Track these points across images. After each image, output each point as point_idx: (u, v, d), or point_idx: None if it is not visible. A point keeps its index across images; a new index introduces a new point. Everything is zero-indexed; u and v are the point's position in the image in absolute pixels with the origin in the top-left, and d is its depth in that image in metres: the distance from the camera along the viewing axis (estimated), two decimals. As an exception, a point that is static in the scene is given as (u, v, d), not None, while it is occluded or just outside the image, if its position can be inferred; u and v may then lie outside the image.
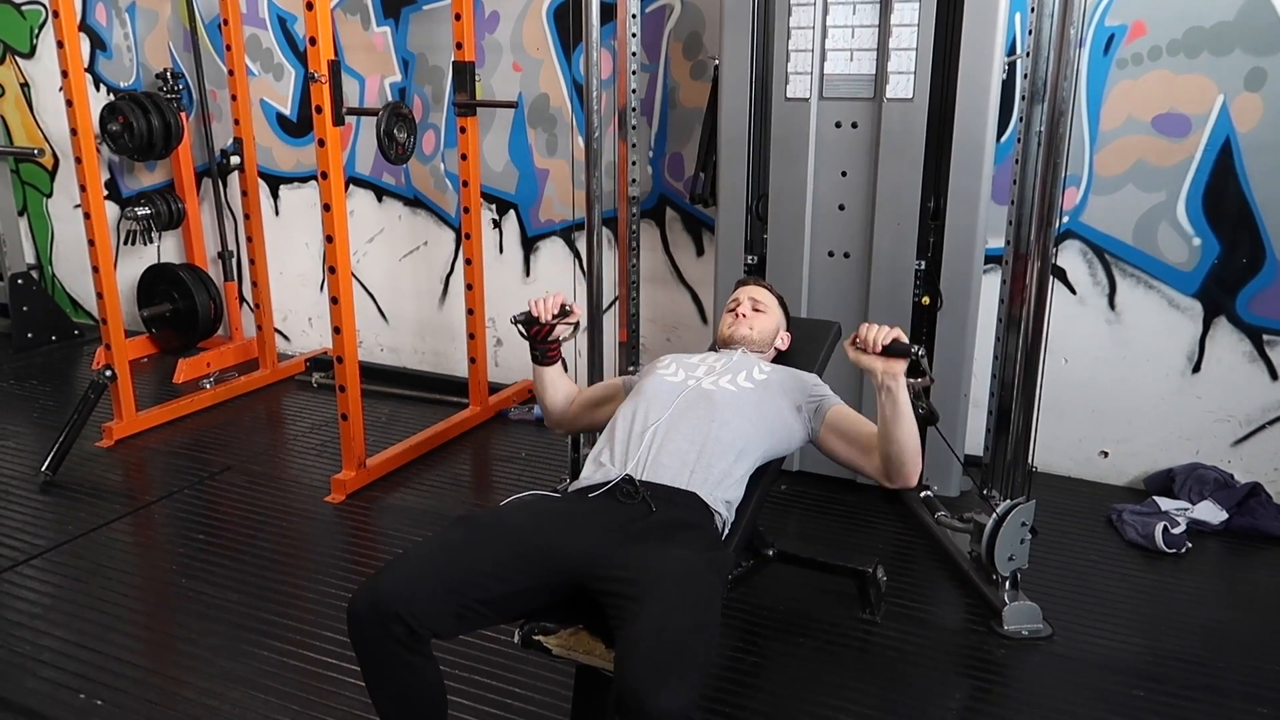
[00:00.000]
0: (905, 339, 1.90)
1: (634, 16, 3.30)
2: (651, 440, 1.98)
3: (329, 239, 3.08)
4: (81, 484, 3.35)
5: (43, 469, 3.34)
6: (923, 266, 2.96)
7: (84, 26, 4.66)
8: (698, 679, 1.47)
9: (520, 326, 2.24)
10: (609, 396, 2.31)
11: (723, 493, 1.96)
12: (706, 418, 2.02)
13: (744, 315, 2.35)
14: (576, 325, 2.25)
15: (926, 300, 2.97)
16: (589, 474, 2.00)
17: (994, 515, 2.45)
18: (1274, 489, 3.07)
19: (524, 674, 2.25)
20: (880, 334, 1.90)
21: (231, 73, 4.10)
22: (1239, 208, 2.96)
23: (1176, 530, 2.85)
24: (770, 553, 2.57)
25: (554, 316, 2.21)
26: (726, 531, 1.98)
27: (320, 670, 2.31)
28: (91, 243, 3.54)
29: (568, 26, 3.68)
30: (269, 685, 2.26)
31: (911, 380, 1.93)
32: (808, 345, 2.50)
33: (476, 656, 2.31)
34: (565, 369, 2.37)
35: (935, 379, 1.99)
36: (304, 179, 4.44)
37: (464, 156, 3.69)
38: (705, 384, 2.11)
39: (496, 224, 4.08)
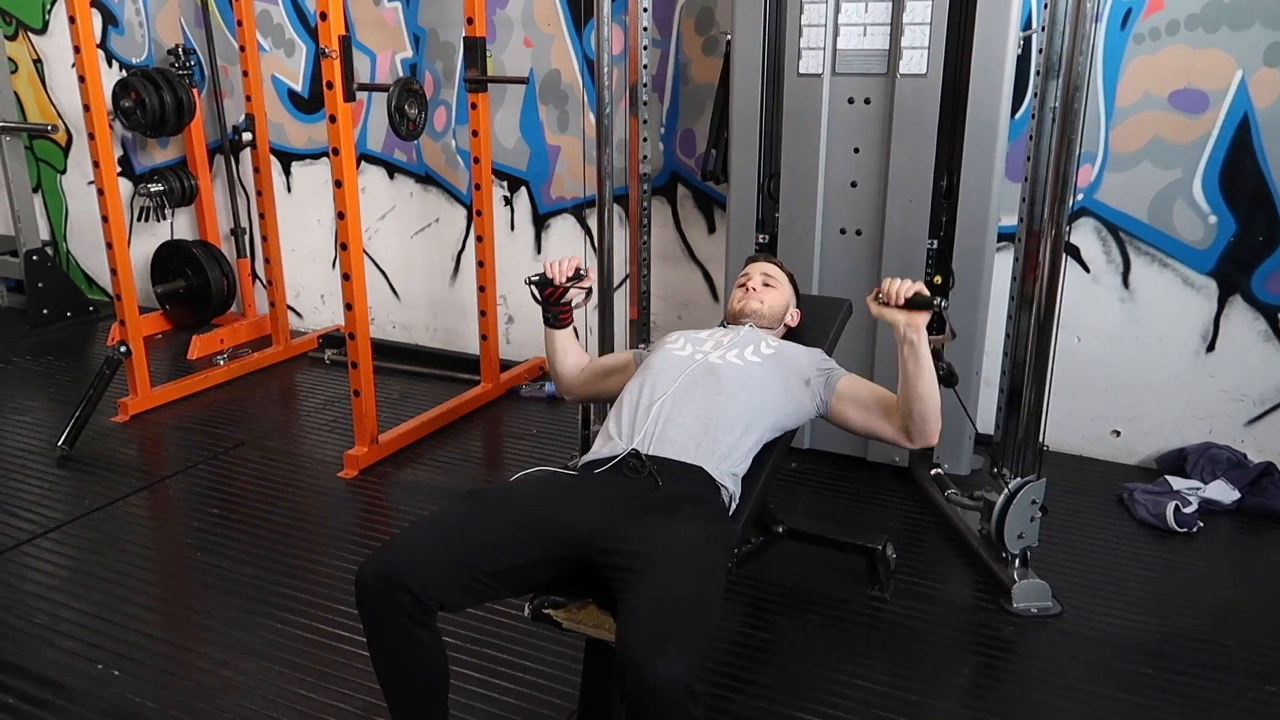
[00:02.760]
0: (927, 293, 1.92)
1: (646, -9, 3.27)
2: (658, 414, 1.99)
3: (341, 216, 3.09)
4: (97, 459, 3.39)
5: (59, 444, 3.37)
6: (935, 246, 2.95)
7: (96, 2, 4.65)
8: (697, 649, 1.49)
9: (534, 288, 2.26)
10: (619, 367, 2.32)
11: (729, 466, 1.96)
12: (713, 391, 2.02)
13: (754, 290, 2.35)
14: (589, 291, 2.26)
15: (939, 279, 2.96)
16: (597, 448, 2.01)
17: (1004, 493, 2.45)
18: (1287, 469, 3.05)
19: (534, 647, 2.28)
20: (903, 287, 1.92)
21: (243, 49, 4.09)
22: (1256, 185, 2.93)
23: (1188, 509, 2.84)
24: (780, 529, 2.58)
25: (567, 280, 2.22)
26: (734, 505, 1.99)
27: (332, 642, 2.33)
28: (105, 219, 3.56)
29: (579, 2, 3.66)
30: (282, 656, 2.29)
31: (932, 337, 1.94)
32: (818, 322, 2.49)
33: (487, 630, 2.34)
34: (576, 335, 2.38)
35: (956, 334, 2.00)
36: (316, 155, 4.43)
37: (475, 133, 3.68)
38: (712, 358, 2.11)
39: (508, 201, 4.08)
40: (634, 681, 1.40)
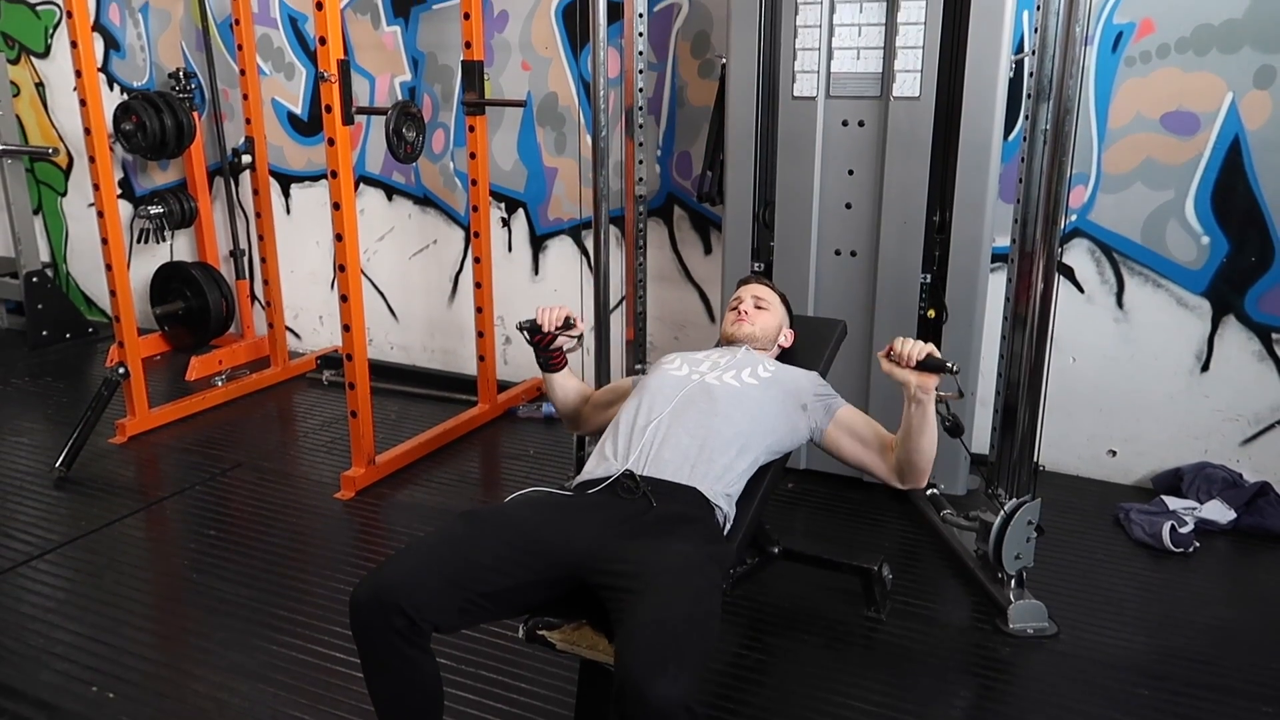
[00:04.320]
0: (939, 355, 1.94)
1: (641, 16, 3.31)
2: (654, 435, 2.00)
3: (339, 237, 3.10)
4: (95, 480, 3.39)
5: (57, 465, 3.37)
6: (928, 280, 2.96)
7: (98, 26, 4.70)
8: (696, 669, 1.48)
9: (525, 333, 2.30)
10: (620, 395, 2.33)
11: (724, 487, 1.97)
12: (709, 412, 2.03)
13: (746, 312, 2.37)
14: (580, 339, 2.31)
15: (932, 313, 2.97)
16: (592, 468, 2.02)
17: (1001, 513, 2.45)
18: (1283, 488, 3.06)
19: (528, 669, 2.27)
20: (915, 349, 1.95)
21: (243, 72, 4.12)
22: (1248, 206, 2.95)
23: (1184, 529, 2.84)
24: (776, 550, 2.58)
25: (557, 327, 2.26)
26: (729, 526, 1.99)
27: (329, 665, 2.33)
28: (105, 241, 3.57)
29: (576, 25, 3.69)
30: (278, 679, 2.28)
31: (939, 394, 1.98)
32: (813, 343, 2.51)
33: (481, 651, 2.33)
34: (571, 371, 2.41)
35: (964, 394, 2.03)
36: (315, 178, 4.46)
37: (473, 155, 3.71)
38: (709, 379, 2.12)
39: (505, 222, 4.10)
40: (634, 702, 1.40)
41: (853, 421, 2.16)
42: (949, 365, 1.94)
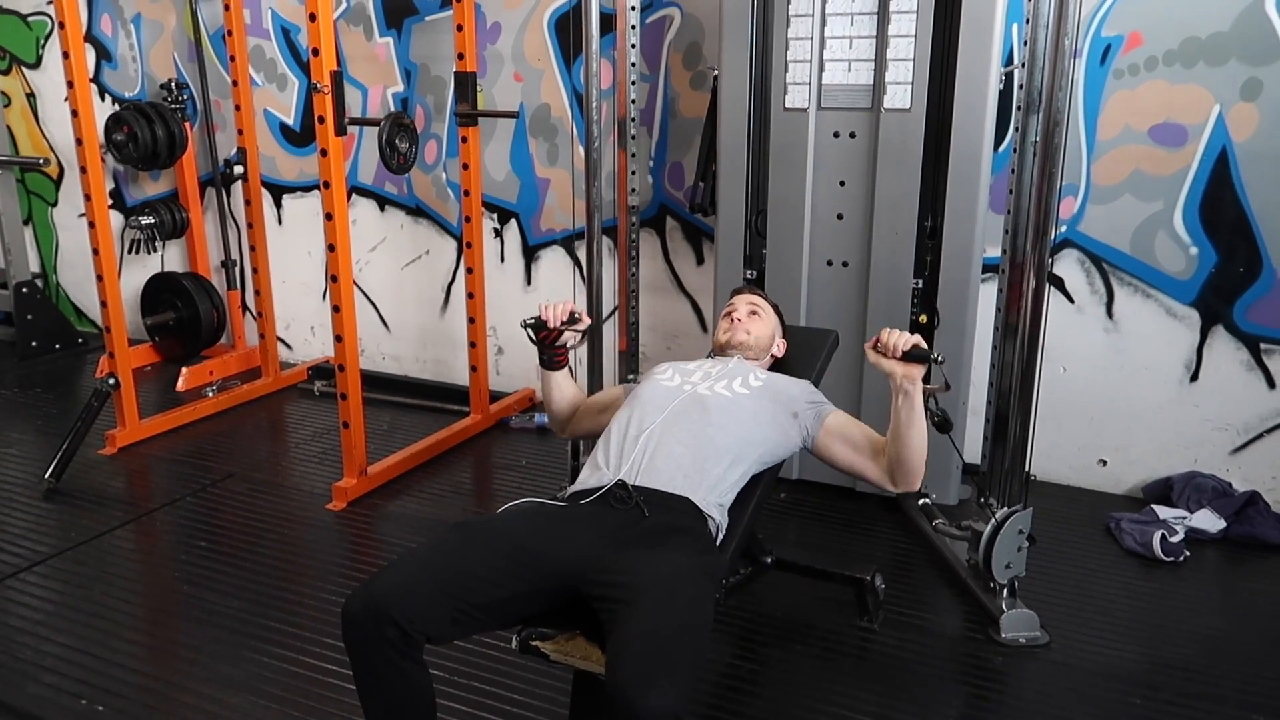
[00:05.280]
0: (925, 345, 1.95)
1: (634, 27, 3.32)
2: (646, 445, 2.00)
3: (331, 248, 3.10)
4: (84, 491, 3.37)
5: (46, 476, 3.36)
6: (920, 285, 2.98)
7: (89, 37, 4.70)
8: (688, 680, 1.48)
9: (530, 330, 2.28)
10: (611, 403, 2.33)
11: (716, 497, 1.97)
12: (701, 422, 2.04)
13: (739, 320, 2.37)
14: (585, 333, 2.30)
15: (924, 319, 2.98)
16: (584, 478, 2.02)
17: (991, 523, 2.46)
18: (1272, 497, 3.07)
19: (521, 679, 2.26)
20: (901, 340, 1.95)
21: (235, 83, 4.13)
22: (1236, 217, 2.97)
23: (1175, 538, 2.85)
24: (768, 560, 2.58)
25: (563, 323, 2.25)
26: (721, 536, 1.99)
27: (321, 676, 2.32)
28: (96, 252, 3.56)
29: (568, 37, 3.71)
30: (270, 691, 2.27)
31: (926, 386, 1.98)
32: (805, 353, 2.51)
33: (474, 662, 2.32)
34: (573, 375, 2.41)
35: (951, 386, 2.04)
36: (307, 188, 4.46)
37: (465, 166, 3.71)
38: (701, 390, 2.13)
39: (498, 233, 4.11)
40: (624, 714, 1.40)
41: (844, 427, 2.16)
42: (935, 355, 1.95)
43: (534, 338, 2.29)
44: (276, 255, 4.43)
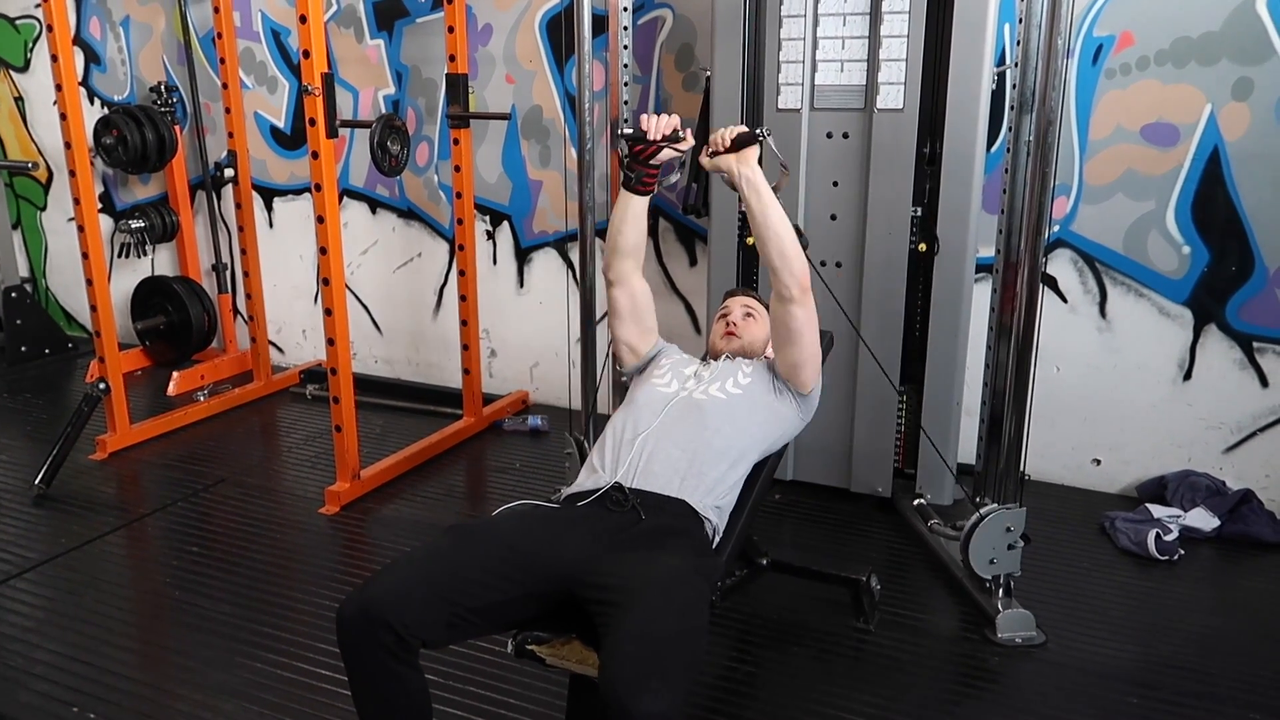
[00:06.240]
0: (747, 129, 2.00)
1: (626, 29, 3.31)
2: (642, 448, 1.99)
3: (323, 251, 3.09)
4: (75, 497, 3.35)
5: (36, 482, 3.33)
6: (919, 214, 2.94)
7: (78, 40, 4.68)
8: (683, 684, 1.47)
9: (625, 141, 2.14)
10: (648, 325, 2.32)
11: (714, 499, 1.97)
12: (699, 426, 2.03)
13: (735, 322, 2.37)
14: (684, 157, 2.17)
15: (923, 247, 2.95)
16: (580, 480, 2.01)
17: (974, 516, 2.46)
18: (1265, 496, 3.07)
19: (517, 684, 2.25)
20: (727, 131, 2.02)
21: (225, 86, 4.11)
22: (1227, 216, 2.98)
23: (1169, 537, 2.86)
24: (764, 561, 2.58)
25: (664, 136, 2.10)
26: (717, 538, 1.99)
27: (314, 681, 2.30)
28: (85, 256, 3.54)
29: (560, 38, 3.70)
30: (262, 697, 2.25)
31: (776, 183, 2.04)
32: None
33: (470, 666, 2.31)
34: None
35: (789, 166, 2.07)
36: (298, 191, 4.44)
37: (457, 168, 3.70)
38: (696, 394, 2.12)
39: (490, 235, 4.09)
40: (618, 716, 1.39)
41: (777, 349, 2.18)
42: (759, 131, 1.98)
43: (628, 151, 2.11)
44: (267, 259, 4.41)
